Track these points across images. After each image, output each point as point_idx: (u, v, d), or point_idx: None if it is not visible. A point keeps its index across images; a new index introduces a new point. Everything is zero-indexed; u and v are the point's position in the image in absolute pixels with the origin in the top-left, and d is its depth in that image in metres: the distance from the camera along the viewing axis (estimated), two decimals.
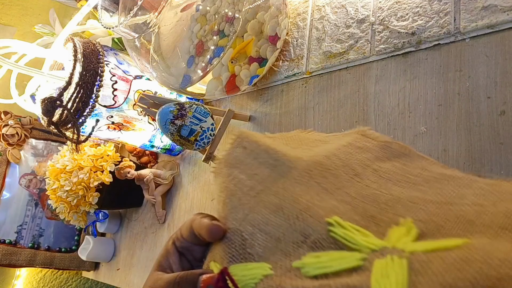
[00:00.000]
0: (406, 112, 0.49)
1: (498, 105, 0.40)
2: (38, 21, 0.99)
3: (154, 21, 0.59)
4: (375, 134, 0.37)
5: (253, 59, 0.64)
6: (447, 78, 0.45)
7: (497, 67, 0.41)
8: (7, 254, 1.04)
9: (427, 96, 0.46)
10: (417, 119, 0.47)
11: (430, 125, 0.46)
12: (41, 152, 1.15)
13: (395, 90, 0.50)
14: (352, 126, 0.51)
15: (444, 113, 0.45)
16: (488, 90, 0.41)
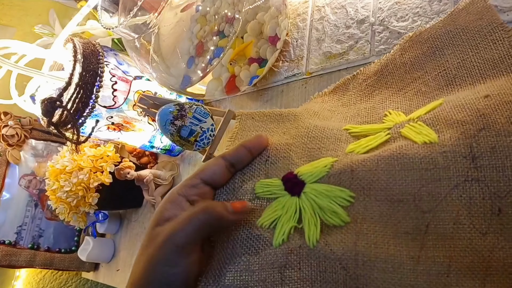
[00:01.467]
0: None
1: None
2: (38, 22, 0.99)
3: (154, 22, 0.59)
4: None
5: (253, 60, 0.64)
6: None
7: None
8: (7, 254, 1.04)
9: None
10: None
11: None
12: (41, 152, 1.15)
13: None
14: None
15: None
16: None
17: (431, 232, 0.30)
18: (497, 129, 0.31)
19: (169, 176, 0.85)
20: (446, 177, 0.31)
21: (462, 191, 0.30)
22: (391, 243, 0.31)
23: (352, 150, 0.36)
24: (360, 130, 0.39)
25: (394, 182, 0.32)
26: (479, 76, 0.38)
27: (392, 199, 0.32)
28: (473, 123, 0.32)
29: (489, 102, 0.32)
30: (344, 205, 0.33)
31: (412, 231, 0.31)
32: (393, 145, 0.34)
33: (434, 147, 0.32)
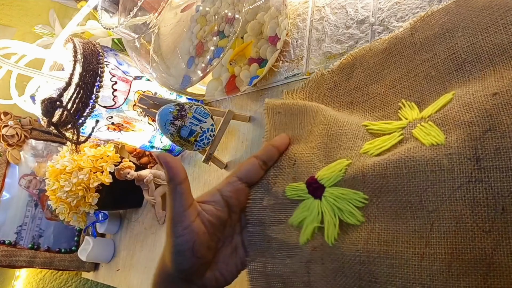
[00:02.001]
0: None
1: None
2: (38, 22, 0.99)
3: (154, 22, 0.59)
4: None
5: (253, 60, 0.64)
6: None
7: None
8: (7, 254, 1.05)
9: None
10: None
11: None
12: (41, 152, 1.15)
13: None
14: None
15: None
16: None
17: (435, 230, 0.33)
18: (502, 130, 0.32)
19: None
20: (450, 178, 0.33)
21: (466, 192, 0.32)
22: (400, 240, 0.34)
23: (367, 151, 0.39)
24: (377, 128, 0.42)
25: (402, 184, 0.35)
26: (488, 62, 0.37)
27: (401, 200, 0.35)
28: (479, 125, 0.33)
29: (496, 101, 0.33)
30: (359, 206, 0.37)
31: (419, 229, 0.33)
32: (403, 147, 0.37)
33: (440, 149, 0.34)
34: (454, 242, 0.32)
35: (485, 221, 0.31)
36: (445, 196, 0.33)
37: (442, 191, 0.33)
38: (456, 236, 0.32)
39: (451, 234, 0.32)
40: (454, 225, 0.32)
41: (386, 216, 0.35)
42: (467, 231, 0.32)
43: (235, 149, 0.72)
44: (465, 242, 0.31)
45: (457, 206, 0.32)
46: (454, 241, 0.32)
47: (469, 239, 0.31)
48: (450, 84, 0.40)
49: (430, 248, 0.33)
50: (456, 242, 0.32)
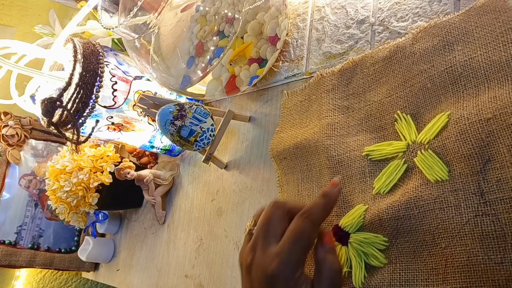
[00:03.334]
0: None
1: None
2: (38, 22, 0.99)
3: (154, 22, 0.59)
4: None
5: (253, 60, 0.64)
6: None
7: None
8: (7, 254, 1.05)
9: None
10: None
11: None
12: (41, 152, 1.15)
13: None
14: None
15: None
16: None
17: (449, 266, 0.35)
18: (501, 160, 0.34)
19: (169, 176, 0.85)
20: (458, 214, 0.35)
21: (474, 226, 0.34)
22: (419, 279, 0.36)
23: (378, 190, 0.42)
24: (379, 154, 0.44)
25: (415, 225, 0.38)
26: (483, 78, 0.38)
27: (417, 240, 0.37)
28: (478, 157, 0.35)
29: (491, 127, 0.35)
30: (381, 249, 0.40)
31: (435, 266, 0.36)
32: (410, 185, 0.39)
33: (445, 186, 0.37)
34: (468, 276, 0.33)
35: (496, 253, 0.32)
36: (455, 231, 0.35)
37: (452, 227, 0.35)
38: (469, 270, 0.33)
39: (464, 268, 0.34)
40: (466, 259, 0.34)
41: (405, 256, 0.38)
42: (479, 264, 0.33)
43: (235, 149, 0.72)
44: (478, 275, 0.33)
45: (467, 241, 0.34)
46: (467, 275, 0.33)
47: (482, 272, 0.33)
48: (445, 98, 0.40)
49: (446, 284, 0.34)
50: (470, 275, 0.33)
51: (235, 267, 0.64)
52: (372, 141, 0.46)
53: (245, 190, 0.67)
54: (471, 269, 0.33)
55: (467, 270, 0.33)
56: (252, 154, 0.68)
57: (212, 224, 0.72)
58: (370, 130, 0.47)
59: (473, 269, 0.33)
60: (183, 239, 0.79)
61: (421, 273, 0.37)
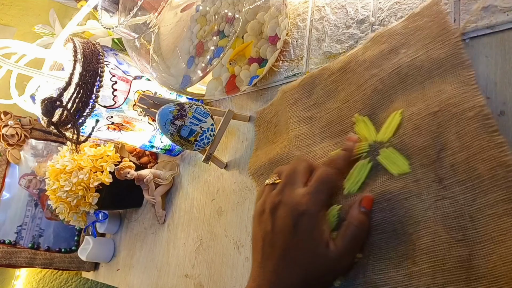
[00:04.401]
0: None
1: (498, 105, 0.40)
2: (38, 22, 0.99)
3: (154, 22, 0.59)
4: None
5: (253, 60, 0.64)
6: None
7: (497, 67, 0.41)
8: (7, 254, 1.05)
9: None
10: None
11: None
12: (41, 152, 1.15)
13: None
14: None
15: None
16: (488, 90, 0.41)
17: (417, 249, 0.38)
18: (452, 147, 0.37)
19: (169, 176, 0.86)
20: (420, 201, 0.39)
21: (435, 209, 0.38)
22: (391, 266, 0.39)
23: (348, 190, 0.45)
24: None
25: (386, 217, 0.41)
26: (427, 75, 0.42)
27: (389, 230, 0.40)
28: (431, 147, 0.39)
29: (439, 119, 0.39)
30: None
31: (405, 252, 0.39)
32: (377, 181, 0.43)
33: (408, 177, 0.40)
34: (434, 256, 0.36)
35: (457, 231, 0.36)
36: (419, 217, 0.38)
37: (416, 213, 0.39)
38: (435, 250, 0.36)
39: (430, 249, 0.36)
40: (431, 240, 0.37)
41: (378, 248, 0.41)
42: (442, 243, 0.36)
43: (235, 148, 0.72)
44: (443, 254, 0.36)
45: (431, 223, 0.37)
46: (433, 255, 0.36)
47: (446, 250, 0.36)
48: (396, 97, 0.44)
49: (415, 266, 0.37)
50: (436, 255, 0.36)
51: (235, 267, 0.64)
52: (336, 146, 0.50)
53: (245, 189, 0.67)
54: (436, 249, 0.36)
55: (433, 250, 0.36)
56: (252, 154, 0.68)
57: (212, 224, 0.72)
58: (333, 135, 0.51)
59: (438, 248, 0.36)
60: (183, 239, 0.79)
61: (393, 261, 0.39)
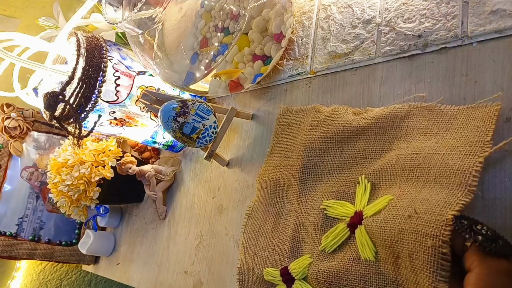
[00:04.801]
0: None
1: (504, 111, 0.39)
2: (42, 14, 0.98)
3: (159, 16, 0.58)
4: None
5: (257, 57, 0.64)
6: (453, 82, 0.45)
7: (504, 72, 0.41)
8: (8, 246, 1.05)
9: (432, 100, 0.46)
10: None
11: None
12: (43, 145, 1.15)
13: (400, 93, 0.50)
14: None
15: None
16: (494, 96, 0.41)
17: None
18: (405, 261, 0.36)
19: (171, 172, 0.85)
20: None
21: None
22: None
23: (324, 248, 0.47)
24: (333, 212, 0.49)
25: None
26: (433, 177, 0.40)
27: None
28: (391, 250, 0.38)
29: (405, 226, 0.37)
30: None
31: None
32: (347, 255, 0.44)
33: (372, 266, 0.41)
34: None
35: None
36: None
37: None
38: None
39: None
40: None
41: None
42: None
43: (237, 146, 0.72)
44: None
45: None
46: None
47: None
48: (400, 182, 0.43)
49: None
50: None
51: (235, 265, 0.64)
52: (333, 195, 0.50)
53: (246, 188, 0.67)
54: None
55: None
56: (254, 152, 0.67)
57: (212, 221, 0.72)
58: (336, 182, 0.51)
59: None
60: (184, 235, 0.79)
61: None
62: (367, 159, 0.49)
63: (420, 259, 0.34)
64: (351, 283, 0.42)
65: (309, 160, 0.55)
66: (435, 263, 0.33)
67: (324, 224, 0.49)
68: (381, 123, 0.48)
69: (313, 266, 0.47)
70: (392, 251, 0.38)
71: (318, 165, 0.54)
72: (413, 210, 0.37)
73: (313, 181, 0.54)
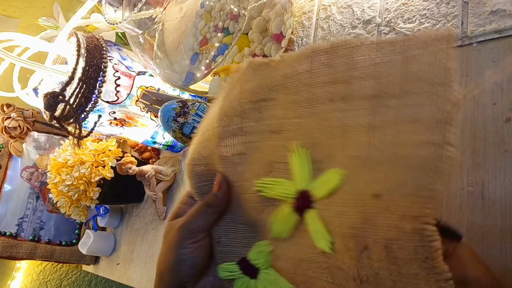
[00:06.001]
0: None
1: (504, 111, 0.39)
2: (42, 14, 0.98)
3: (160, 17, 0.58)
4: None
5: (257, 57, 0.64)
6: None
7: (504, 73, 0.41)
8: (8, 246, 1.05)
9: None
10: None
11: None
12: (43, 145, 1.15)
13: None
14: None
15: None
16: (494, 96, 0.41)
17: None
18: (378, 254, 0.29)
19: (171, 172, 0.85)
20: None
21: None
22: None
23: (278, 235, 0.38)
24: (269, 193, 0.38)
25: (307, 282, 0.35)
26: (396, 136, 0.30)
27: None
28: (355, 240, 0.30)
29: (375, 208, 0.29)
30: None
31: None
32: (304, 242, 0.35)
33: (331, 259, 0.33)
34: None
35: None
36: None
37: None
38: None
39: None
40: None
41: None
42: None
43: None
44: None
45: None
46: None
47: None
48: (351, 148, 0.33)
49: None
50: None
51: None
52: (263, 171, 0.38)
53: None
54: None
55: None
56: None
57: None
58: (264, 153, 0.39)
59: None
60: None
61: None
62: (293, 118, 0.36)
63: (405, 248, 0.28)
64: (319, 276, 0.34)
65: (224, 130, 0.40)
66: (424, 252, 0.27)
67: (265, 207, 0.39)
68: (302, 71, 0.35)
69: (275, 254, 0.39)
70: (357, 241, 0.30)
71: (241, 139, 0.40)
72: (379, 186, 0.29)
73: (237, 164, 0.40)
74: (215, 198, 0.39)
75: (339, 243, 0.32)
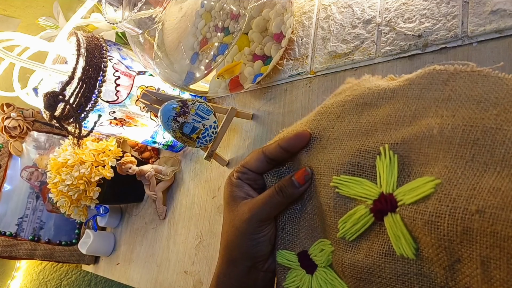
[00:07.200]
0: None
1: None
2: (42, 13, 0.98)
3: (159, 16, 0.58)
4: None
5: (257, 57, 0.64)
6: None
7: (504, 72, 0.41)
8: (8, 246, 1.05)
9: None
10: None
11: None
12: (43, 145, 1.15)
13: None
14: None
15: None
16: None
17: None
18: (471, 269, 0.28)
19: (171, 172, 0.85)
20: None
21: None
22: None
23: (344, 235, 0.38)
24: (347, 192, 0.38)
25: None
26: (500, 160, 0.30)
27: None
28: (447, 252, 0.30)
29: (473, 224, 0.28)
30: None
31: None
32: (376, 247, 0.35)
33: (412, 265, 0.33)
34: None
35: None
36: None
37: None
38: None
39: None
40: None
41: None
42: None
43: (237, 146, 0.72)
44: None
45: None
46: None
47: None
48: (444, 158, 0.33)
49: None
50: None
51: None
52: (344, 168, 0.38)
53: None
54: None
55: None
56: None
57: (212, 221, 0.72)
58: (348, 152, 0.39)
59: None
60: (184, 235, 0.79)
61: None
62: (391, 125, 0.37)
63: (502, 269, 0.27)
64: (386, 282, 0.34)
65: (318, 125, 0.42)
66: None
67: (338, 205, 0.38)
68: (416, 84, 0.36)
69: (336, 256, 0.38)
70: (449, 253, 0.29)
71: (326, 130, 0.41)
72: (476, 203, 0.28)
73: (316, 149, 0.41)
74: (294, 190, 0.40)
75: (426, 251, 0.31)
